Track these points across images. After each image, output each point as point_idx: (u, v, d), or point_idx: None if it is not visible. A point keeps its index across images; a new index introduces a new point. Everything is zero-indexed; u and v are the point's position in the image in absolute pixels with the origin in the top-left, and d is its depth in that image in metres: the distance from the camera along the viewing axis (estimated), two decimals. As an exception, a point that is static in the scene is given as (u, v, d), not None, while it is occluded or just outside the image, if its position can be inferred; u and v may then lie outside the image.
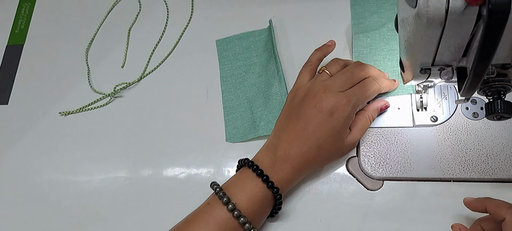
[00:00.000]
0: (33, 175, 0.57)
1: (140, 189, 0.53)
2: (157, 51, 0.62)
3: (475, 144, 0.48)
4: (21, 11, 0.70)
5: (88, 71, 0.62)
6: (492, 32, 0.28)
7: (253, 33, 0.59)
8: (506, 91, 0.37)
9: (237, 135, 0.54)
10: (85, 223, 0.52)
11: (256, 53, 0.58)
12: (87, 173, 0.55)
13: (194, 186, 0.52)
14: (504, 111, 0.37)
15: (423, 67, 0.39)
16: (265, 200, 0.44)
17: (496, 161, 0.47)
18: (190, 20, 0.63)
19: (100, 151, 0.57)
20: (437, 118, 0.50)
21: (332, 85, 0.46)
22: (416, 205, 0.47)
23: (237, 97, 0.56)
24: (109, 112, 0.59)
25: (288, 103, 0.49)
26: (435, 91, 0.51)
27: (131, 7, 0.66)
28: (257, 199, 0.43)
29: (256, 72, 0.57)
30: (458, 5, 0.31)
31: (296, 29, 0.59)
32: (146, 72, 0.61)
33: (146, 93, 0.59)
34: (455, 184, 0.47)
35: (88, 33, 0.65)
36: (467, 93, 0.36)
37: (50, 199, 0.55)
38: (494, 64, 0.35)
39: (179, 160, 0.54)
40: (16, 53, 0.66)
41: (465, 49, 0.35)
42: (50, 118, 0.60)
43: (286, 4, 0.61)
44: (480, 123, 0.49)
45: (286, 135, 0.46)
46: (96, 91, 0.61)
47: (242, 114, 0.55)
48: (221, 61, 0.59)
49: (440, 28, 0.33)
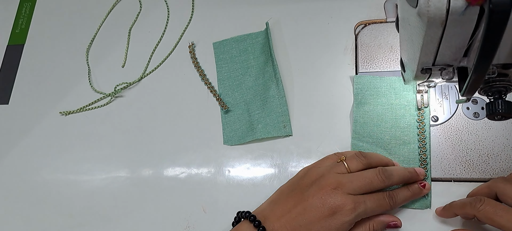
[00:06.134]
0: (33, 175, 0.57)
1: (140, 189, 0.53)
2: (158, 51, 0.62)
3: (476, 144, 0.48)
4: (22, 10, 0.70)
5: (89, 71, 0.62)
6: (493, 32, 0.28)
7: (250, 36, 0.59)
8: (507, 91, 0.37)
9: (235, 137, 0.54)
10: (85, 223, 0.52)
11: (253, 55, 0.58)
12: (87, 172, 0.55)
13: (194, 185, 0.52)
14: (505, 112, 0.37)
15: (424, 67, 0.39)
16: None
17: (497, 161, 0.47)
18: (191, 20, 0.63)
19: (101, 151, 0.57)
20: (438, 118, 0.50)
21: (346, 186, 0.42)
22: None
23: (234, 100, 0.56)
24: (110, 112, 0.59)
25: (296, 179, 0.46)
26: (436, 91, 0.51)
27: (131, 7, 0.66)
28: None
29: (253, 75, 0.57)
30: (459, 5, 0.30)
31: (296, 31, 0.59)
32: (147, 72, 0.61)
33: (146, 93, 0.59)
34: (456, 184, 0.47)
35: (89, 33, 0.65)
36: (468, 93, 0.36)
37: (51, 198, 0.55)
38: (495, 64, 0.35)
39: (180, 159, 0.54)
40: (17, 53, 0.66)
41: (466, 49, 0.35)
42: (51, 117, 0.60)
43: (289, 5, 0.61)
44: (481, 123, 0.49)
45: (280, 211, 0.43)
46: (97, 91, 0.61)
47: (239, 117, 0.55)
48: (218, 64, 0.59)
49: (441, 28, 0.33)
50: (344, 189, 0.42)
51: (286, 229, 0.41)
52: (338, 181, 0.42)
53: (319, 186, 0.42)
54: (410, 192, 0.45)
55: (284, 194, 0.45)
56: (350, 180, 0.43)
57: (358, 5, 0.58)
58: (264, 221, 0.42)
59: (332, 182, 0.42)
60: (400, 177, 0.45)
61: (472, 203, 0.40)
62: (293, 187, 0.45)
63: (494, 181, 0.41)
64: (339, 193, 0.41)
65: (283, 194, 0.45)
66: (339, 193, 0.41)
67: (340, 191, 0.42)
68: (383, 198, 0.43)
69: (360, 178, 0.43)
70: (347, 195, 0.42)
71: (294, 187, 0.45)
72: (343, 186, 0.42)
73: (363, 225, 0.43)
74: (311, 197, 0.42)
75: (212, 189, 0.51)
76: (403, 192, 0.45)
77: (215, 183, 0.52)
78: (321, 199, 0.41)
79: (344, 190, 0.42)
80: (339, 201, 0.41)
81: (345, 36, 0.57)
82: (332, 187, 0.42)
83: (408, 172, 0.45)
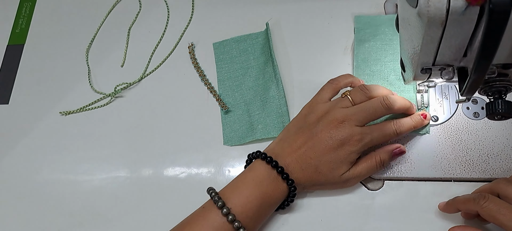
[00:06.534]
0: (33, 175, 0.57)
1: (140, 189, 0.53)
2: (158, 51, 0.62)
3: (476, 143, 0.48)
4: (22, 10, 0.70)
5: (89, 71, 0.62)
6: (493, 32, 0.28)
7: (250, 36, 0.59)
8: (507, 91, 0.37)
9: (235, 138, 0.54)
10: (85, 223, 0.52)
11: (253, 56, 0.58)
12: (87, 172, 0.55)
13: (194, 185, 0.52)
14: (505, 112, 0.37)
15: (424, 67, 0.39)
16: (262, 205, 0.44)
17: (497, 161, 0.47)
18: (191, 20, 0.63)
19: (101, 151, 0.57)
20: (438, 118, 0.50)
21: (352, 118, 0.45)
22: (417, 205, 0.47)
23: (234, 100, 0.56)
24: (110, 112, 0.59)
25: (301, 117, 0.48)
26: (436, 91, 0.51)
27: (131, 7, 0.66)
28: (252, 205, 0.43)
29: (253, 75, 0.57)
30: (459, 4, 0.30)
31: (296, 31, 0.59)
32: (147, 72, 0.61)
33: (146, 93, 0.59)
34: (456, 184, 0.47)
35: (89, 33, 0.65)
36: (468, 93, 0.36)
37: (51, 198, 0.55)
38: (495, 64, 0.35)
39: (180, 159, 0.54)
40: (17, 53, 0.66)
41: (466, 49, 0.35)
42: (51, 117, 0.60)
43: (289, 5, 0.61)
44: (481, 123, 0.49)
45: (290, 148, 0.46)
46: (97, 91, 0.61)
47: (239, 117, 0.55)
48: (218, 64, 0.59)
49: (441, 28, 0.33)
50: (351, 122, 0.44)
51: (297, 163, 0.45)
52: (345, 114, 0.45)
53: (326, 122, 0.45)
54: (413, 121, 0.47)
55: (291, 132, 0.47)
56: (355, 112, 0.45)
57: (358, 5, 0.58)
58: (276, 158, 0.45)
59: (339, 117, 0.45)
60: (402, 105, 0.47)
61: (475, 199, 0.40)
62: (299, 124, 0.47)
63: (497, 182, 0.42)
64: (346, 126, 0.44)
65: (291, 133, 0.47)
66: (346, 126, 0.44)
67: (347, 124, 0.44)
68: (388, 127, 0.46)
69: (365, 108, 0.45)
70: (354, 126, 0.44)
71: (301, 124, 0.47)
72: (350, 118, 0.45)
73: (370, 157, 0.46)
74: (319, 132, 0.45)
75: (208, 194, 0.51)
76: (407, 121, 0.47)
77: (215, 183, 0.51)
78: (329, 133, 0.44)
79: (351, 122, 0.44)
80: (346, 133, 0.44)
81: (345, 36, 0.57)
82: (339, 121, 0.45)
83: (409, 102, 0.48)
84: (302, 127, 0.47)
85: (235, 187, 0.45)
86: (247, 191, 0.44)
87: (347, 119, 0.45)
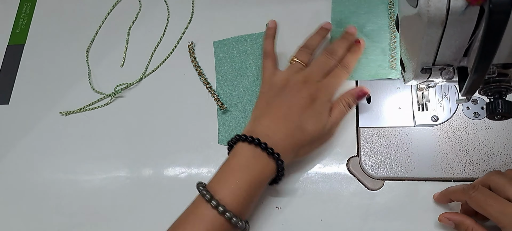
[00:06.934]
0: (33, 175, 0.57)
1: (140, 189, 0.53)
2: (158, 51, 0.62)
3: (476, 143, 0.48)
4: (22, 10, 0.70)
5: (89, 71, 0.62)
6: (493, 32, 0.28)
7: (250, 37, 0.59)
8: (507, 91, 0.37)
9: (230, 137, 0.54)
10: (85, 223, 0.52)
11: (253, 56, 0.58)
12: (87, 172, 0.55)
13: (194, 185, 0.52)
14: (505, 112, 0.37)
15: (424, 67, 0.39)
16: (251, 188, 0.43)
17: (497, 161, 0.47)
18: (191, 20, 0.63)
19: (101, 151, 0.57)
20: (438, 118, 0.50)
21: (311, 76, 0.49)
22: (417, 204, 0.47)
23: (232, 100, 0.56)
24: (110, 112, 0.59)
25: (264, 93, 0.50)
26: (436, 91, 0.51)
27: (131, 7, 0.66)
28: (241, 191, 0.43)
29: (251, 75, 0.57)
30: (459, 4, 0.31)
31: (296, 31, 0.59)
32: (147, 72, 0.61)
33: (146, 94, 0.59)
34: (456, 184, 0.47)
35: (89, 33, 0.65)
36: (468, 93, 0.36)
37: (51, 198, 0.55)
38: (495, 64, 0.35)
39: (180, 159, 0.54)
40: (17, 53, 0.66)
41: (466, 49, 0.35)
42: (51, 117, 0.60)
43: (289, 5, 0.60)
44: (481, 123, 0.49)
45: (268, 120, 0.47)
46: (97, 92, 0.61)
47: (235, 117, 0.55)
48: (218, 63, 0.59)
49: (441, 27, 0.33)
50: (312, 80, 0.49)
51: (280, 131, 0.46)
52: (303, 75, 0.49)
53: (292, 87, 0.48)
54: (352, 52, 0.52)
55: (262, 108, 0.49)
56: (311, 71, 0.50)
57: (358, 5, 0.58)
58: (256, 135, 0.45)
59: (300, 79, 0.49)
60: (342, 46, 0.51)
61: (465, 189, 0.41)
62: (266, 100, 0.49)
63: (489, 174, 0.42)
64: (311, 84, 0.48)
65: (262, 109, 0.49)
66: (311, 84, 0.48)
67: (310, 82, 0.48)
68: (341, 71, 0.50)
69: (317, 65, 0.50)
70: (317, 82, 0.49)
71: (268, 98, 0.49)
72: (310, 77, 0.49)
73: (337, 103, 0.49)
74: (290, 96, 0.48)
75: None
76: (348, 56, 0.51)
77: (215, 183, 0.52)
78: (300, 94, 0.47)
79: (312, 80, 0.49)
80: (313, 89, 0.48)
81: (345, 36, 0.57)
82: (302, 82, 0.48)
83: (345, 37, 0.52)
84: (270, 100, 0.49)
85: (221, 176, 0.44)
86: (234, 178, 0.43)
87: (308, 78, 0.49)
